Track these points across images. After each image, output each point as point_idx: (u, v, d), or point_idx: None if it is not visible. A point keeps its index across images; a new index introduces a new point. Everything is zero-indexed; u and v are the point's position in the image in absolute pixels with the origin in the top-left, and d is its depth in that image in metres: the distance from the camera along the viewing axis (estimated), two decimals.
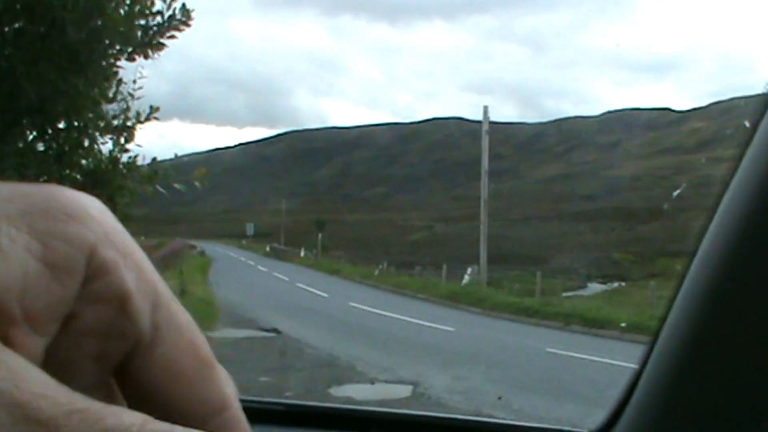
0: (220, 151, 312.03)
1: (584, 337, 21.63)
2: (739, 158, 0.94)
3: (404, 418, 1.99)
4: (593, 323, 23.36)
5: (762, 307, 0.95)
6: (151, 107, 8.53)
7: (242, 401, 0.46)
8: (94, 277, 0.45)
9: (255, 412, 1.86)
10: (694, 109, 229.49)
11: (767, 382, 1.00)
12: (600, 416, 1.54)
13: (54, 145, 8.04)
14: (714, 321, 1.05)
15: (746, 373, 1.03)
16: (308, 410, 2.00)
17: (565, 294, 38.14)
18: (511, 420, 8.67)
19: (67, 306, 0.44)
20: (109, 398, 0.45)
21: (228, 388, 0.49)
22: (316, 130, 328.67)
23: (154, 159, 8.69)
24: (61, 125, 8.06)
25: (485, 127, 36.64)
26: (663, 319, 1.21)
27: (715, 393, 1.10)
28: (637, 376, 1.34)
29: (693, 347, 1.11)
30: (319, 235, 70.18)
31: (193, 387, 0.47)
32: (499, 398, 12.27)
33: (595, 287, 49.91)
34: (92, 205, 0.46)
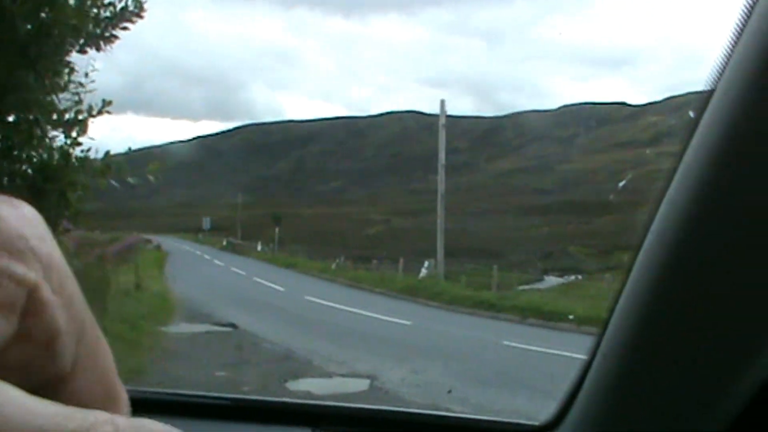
0: (175, 144, 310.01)
1: (540, 330, 21.77)
2: (682, 152, 0.94)
3: (356, 412, 1.98)
4: (549, 316, 23.50)
5: (706, 298, 0.96)
6: (103, 100, 8.41)
7: (193, 397, 0.47)
8: (28, 315, 0.44)
9: (206, 408, 1.84)
10: (650, 104, 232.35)
11: (713, 373, 1.01)
12: (553, 408, 1.55)
13: (2, 139, 7.91)
14: (659, 313, 1.05)
15: (692, 365, 1.04)
16: (259, 405, 1.98)
17: (521, 287, 38.28)
18: (467, 413, 8.70)
19: (4, 343, 0.43)
20: None
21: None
22: (272, 123, 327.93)
23: (107, 152, 8.59)
24: (11, 119, 7.93)
25: (442, 120, 36.61)
26: (611, 311, 1.21)
27: (662, 384, 1.11)
28: (586, 368, 1.35)
29: (639, 339, 1.12)
30: (276, 229, 69.93)
31: None
32: (449, 392, 12.30)
33: (551, 280, 50.26)
34: (32, 234, 0.45)
